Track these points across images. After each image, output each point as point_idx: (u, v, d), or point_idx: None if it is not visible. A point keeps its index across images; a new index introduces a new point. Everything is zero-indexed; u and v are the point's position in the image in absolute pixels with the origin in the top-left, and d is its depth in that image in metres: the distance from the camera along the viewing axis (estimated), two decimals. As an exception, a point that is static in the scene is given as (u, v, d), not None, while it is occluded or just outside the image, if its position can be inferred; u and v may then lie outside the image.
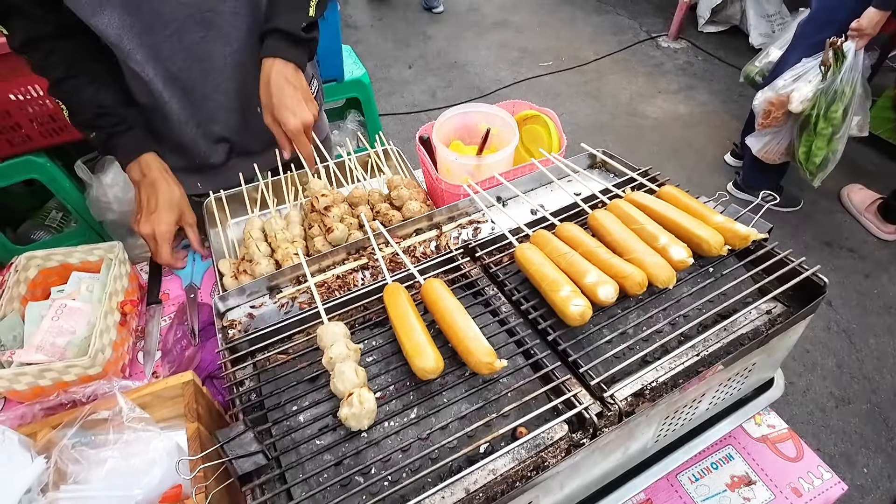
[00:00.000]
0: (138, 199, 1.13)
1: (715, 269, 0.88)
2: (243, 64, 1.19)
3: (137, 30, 1.05)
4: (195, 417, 0.80)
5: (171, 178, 1.15)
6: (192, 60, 1.13)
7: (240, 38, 1.17)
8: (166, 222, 1.10)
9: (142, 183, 1.12)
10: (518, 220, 1.00)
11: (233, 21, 1.14)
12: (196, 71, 1.15)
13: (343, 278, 0.98)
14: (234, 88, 1.23)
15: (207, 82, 1.19)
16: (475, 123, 1.38)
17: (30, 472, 0.64)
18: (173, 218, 1.12)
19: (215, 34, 1.13)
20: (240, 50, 1.18)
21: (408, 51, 4.45)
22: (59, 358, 0.98)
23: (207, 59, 1.15)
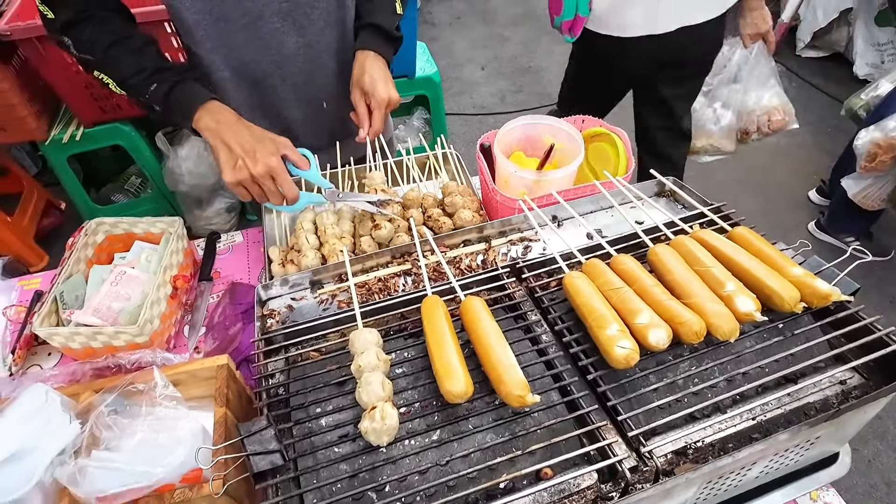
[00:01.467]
0: (223, 146, 0.98)
1: (786, 326, 0.79)
2: (315, 57, 1.21)
3: (215, 16, 1.08)
4: (224, 402, 0.81)
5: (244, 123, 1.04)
6: (264, 50, 1.15)
7: (314, 32, 1.18)
8: (273, 153, 0.98)
9: (219, 129, 0.99)
10: (572, 243, 0.95)
11: (310, 14, 1.15)
12: (267, 62, 1.18)
13: (384, 282, 0.97)
14: (302, 80, 1.24)
15: (276, 73, 1.21)
16: (539, 136, 1.33)
17: (66, 433, 0.67)
18: (275, 147, 1.00)
19: (290, 25, 1.14)
20: (312, 43, 1.19)
21: (482, 52, 4.42)
22: (112, 322, 1.03)
23: (279, 49, 1.17)
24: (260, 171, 0.96)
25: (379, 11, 1.20)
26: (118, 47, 1.01)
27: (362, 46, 1.18)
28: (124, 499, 0.67)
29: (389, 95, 1.16)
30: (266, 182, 0.97)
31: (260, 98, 1.24)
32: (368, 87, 1.15)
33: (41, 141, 2.24)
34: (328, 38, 1.21)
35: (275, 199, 1.01)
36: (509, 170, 1.19)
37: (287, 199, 1.02)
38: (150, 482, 0.67)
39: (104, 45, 1.00)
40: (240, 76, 1.19)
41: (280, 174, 0.98)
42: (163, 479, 0.69)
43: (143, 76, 1.01)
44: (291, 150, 1.04)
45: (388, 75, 1.18)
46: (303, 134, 1.36)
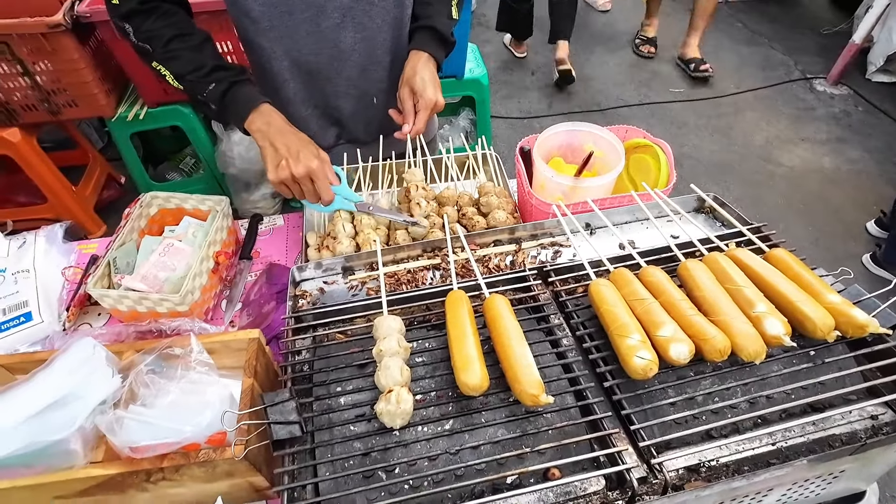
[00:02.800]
0: (270, 147, 1.05)
1: (817, 353, 0.77)
2: (370, 53, 1.24)
3: (281, 9, 1.13)
4: (252, 374, 0.85)
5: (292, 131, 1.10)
6: (322, 43, 1.20)
7: (372, 28, 1.22)
8: (314, 156, 1.05)
9: (269, 132, 1.05)
10: (602, 252, 0.95)
11: (369, 11, 1.19)
12: (325, 55, 1.22)
13: (413, 273, 0.99)
14: (356, 75, 1.28)
15: (332, 66, 1.25)
16: (581, 143, 1.33)
17: (108, 385, 0.72)
18: (317, 152, 1.07)
19: (349, 21, 1.18)
20: (369, 39, 1.23)
21: (534, 57, 4.40)
22: (158, 290, 1.09)
23: (337, 44, 1.21)
24: (300, 173, 1.02)
25: (436, 15, 1.24)
26: (179, 42, 1.05)
27: (417, 47, 1.21)
28: (154, 452, 0.72)
29: (437, 99, 1.19)
30: (305, 183, 1.04)
31: (314, 89, 1.29)
32: (418, 88, 1.17)
33: (108, 118, 2.38)
34: (384, 35, 1.25)
35: (311, 199, 1.09)
36: (546, 174, 1.19)
37: (322, 200, 1.09)
38: (178, 439, 0.72)
39: (165, 39, 1.05)
40: (297, 67, 1.24)
41: (318, 177, 1.05)
42: (190, 438, 0.73)
43: (201, 74, 1.06)
44: (328, 166, 1.10)
45: (437, 79, 1.21)
46: (352, 126, 1.40)
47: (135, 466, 0.73)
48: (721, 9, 5.06)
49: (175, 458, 0.75)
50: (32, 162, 2.39)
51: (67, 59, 2.13)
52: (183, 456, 0.75)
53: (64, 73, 2.17)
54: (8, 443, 0.64)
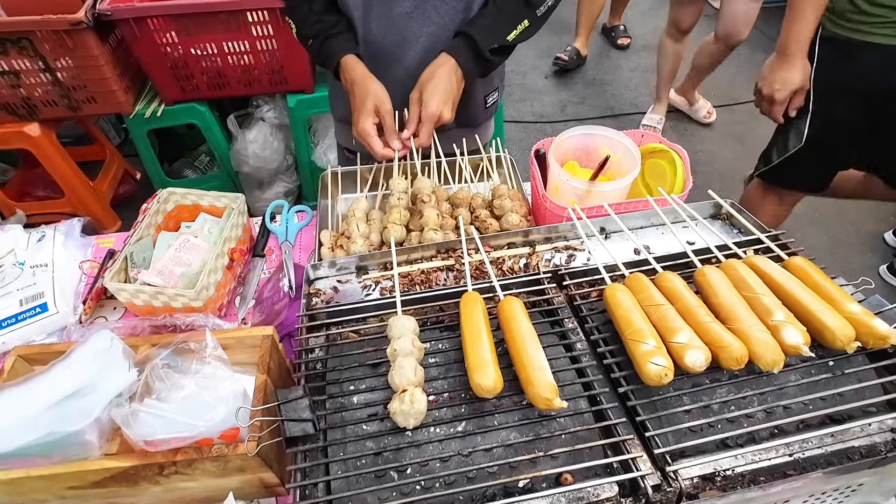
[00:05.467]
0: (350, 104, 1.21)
1: (836, 364, 0.76)
2: (432, 47, 1.23)
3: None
4: (265, 370, 0.85)
5: (368, 76, 1.18)
6: (391, 29, 1.22)
7: (438, 23, 1.22)
8: (361, 122, 1.15)
9: (349, 87, 1.20)
10: (617, 256, 0.94)
11: (439, 7, 1.20)
12: (390, 41, 1.23)
13: (427, 274, 0.99)
14: (413, 66, 1.25)
15: (395, 53, 1.26)
16: (596, 147, 1.32)
17: (124, 379, 0.73)
18: (368, 117, 1.15)
19: (420, 13, 1.20)
20: (433, 34, 1.23)
21: (548, 61, 4.39)
22: (173, 285, 1.10)
23: (403, 33, 1.22)
24: (356, 133, 1.17)
25: (481, 26, 1.17)
26: None
27: (447, 50, 1.16)
28: (168, 445, 0.72)
29: (441, 113, 1.13)
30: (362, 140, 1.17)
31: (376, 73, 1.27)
32: (425, 97, 1.14)
33: (126, 114, 2.41)
34: (448, 32, 1.23)
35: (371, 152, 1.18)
36: (561, 178, 1.19)
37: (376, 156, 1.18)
38: (191, 434, 0.72)
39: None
40: (367, 47, 1.25)
41: (366, 138, 1.15)
42: (203, 433, 0.74)
43: (306, 29, 1.22)
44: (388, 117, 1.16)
45: (451, 92, 1.15)
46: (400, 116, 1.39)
47: (148, 459, 0.74)
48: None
49: (188, 453, 0.75)
50: (51, 156, 2.42)
51: (88, 56, 2.16)
52: (196, 450, 0.76)
53: (84, 70, 2.20)
54: (27, 432, 0.65)
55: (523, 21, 1.19)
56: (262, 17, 2.16)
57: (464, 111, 1.34)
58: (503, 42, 1.18)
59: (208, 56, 2.29)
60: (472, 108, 1.44)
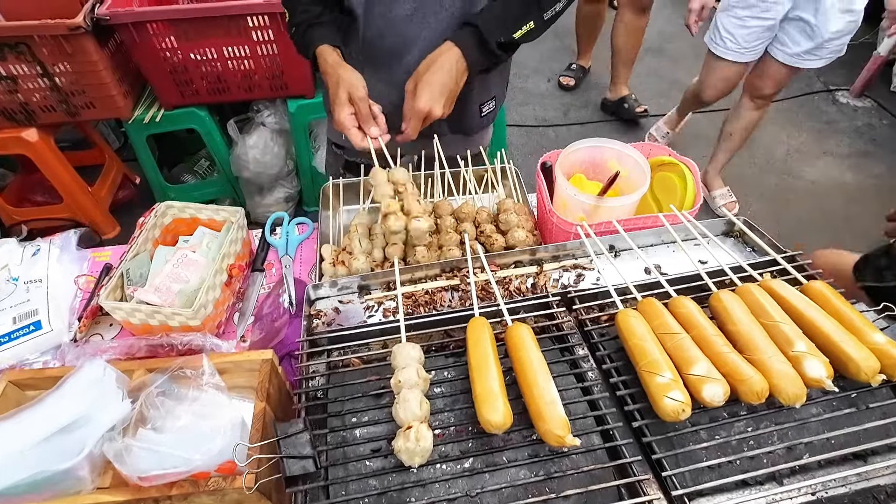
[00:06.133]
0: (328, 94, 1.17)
1: (860, 397, 0.73)
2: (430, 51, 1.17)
3: None
4: (264, 397, 0.82)
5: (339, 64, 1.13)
6: (390, 30, 1.19)
7: (437, 28, 1.19)
8: (337, 113, 1.09)
9: (324, 78, 1.16)
10: (628, 276, 0.91)
11: (438, 10, 1.17)
12: (390, 42, 1.21)
13: (432, 295, 0.96)
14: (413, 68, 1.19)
15: (394, 55, 1.23)
16: (604, 160, 1.29)
17: (117, 411, 0.70)
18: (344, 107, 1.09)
19: (420, 15, 1.17)
20: (433, 38, 1.18)
21: (551, 64, 4.36)
22: (170, 302, 1.08)
23: (402, 34, 1.19)
24: (336, 126, 1.12)
25: (489, 18, 1.11)
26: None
27: (452, 38, 1.09)
28: (163, 481, 0.70)
29: (430, 109, 1.06)
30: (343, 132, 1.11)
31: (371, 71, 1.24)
32: (418, 89, 1.07)
33: (125, 119, 2.38)
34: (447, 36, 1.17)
35: None
36: (568, 193, 1.16)
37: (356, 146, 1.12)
38: (188, 468, 0.70)
39: None
40: (367, 47, 1.23)
41: (344, 131, 1.10)
42: (200, 467, 0.71)
43: (295, 17, 1.20)
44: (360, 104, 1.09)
45: (447, 85, 1.07)
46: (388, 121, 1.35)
47: (143, 494, 0.71)
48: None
49: (184, 486, 0.72)
50: (49, 162, 2.39)
51: (87, 62, 2.13)
52: (192, 484, 0.73)
53: (83, 75, 2.17)
54: (16, 471, 0.62)
55: (529, 22, 1.14)
56: (262, 21, 2.13)
57: (458, 118, 1.31)
58: (510, 38, 1.13)
59: (208, 61, 2.26)
60: (466, 116, 1.40)
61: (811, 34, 2.25)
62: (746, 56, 2.42)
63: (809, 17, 2.20)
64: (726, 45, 2.41)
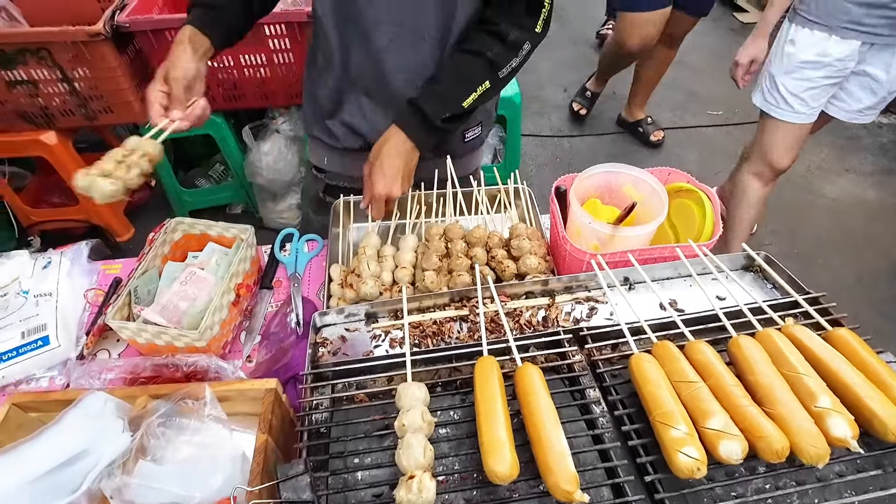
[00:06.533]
0: None
1: (886, 458, 0.69)
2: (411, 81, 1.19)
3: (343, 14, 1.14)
4: (267, 429, 0.81)
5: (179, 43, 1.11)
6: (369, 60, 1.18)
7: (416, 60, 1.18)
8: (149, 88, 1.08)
9: None
10: (642, 311, 0.89)
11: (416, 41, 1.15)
12: (370, 74, 1.20)
13: (440, 325, 0.94)
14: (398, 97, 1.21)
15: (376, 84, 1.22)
16: (620, 185, 1.26)
17: (117, 445, 0.69)
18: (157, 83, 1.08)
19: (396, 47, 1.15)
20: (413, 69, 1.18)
21: (567, 74, 4.32)
22: (177, 322, 1.07)
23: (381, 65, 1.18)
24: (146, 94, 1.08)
25: (431, 95, 1.11)
26: None
27: (396, 120, 1.13)
28: (161, 517, 0.68)
29: (388, 192, 1.11)
30: None
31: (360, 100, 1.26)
32: (373, 177, 1.12)
33: (142, 124, 2.40)
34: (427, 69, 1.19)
35: None
36: (583, 220, 1.13)
37: None
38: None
39: None
40: (348, 77, 1.23)
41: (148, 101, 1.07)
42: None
43: None
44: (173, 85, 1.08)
45: (399, 168, 1.11)
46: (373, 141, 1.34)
47: (140, 529, 0.69)
48: (764, 29, 4.90)
49: (182, 523, 0.71)
50: (67, 165, 2.42)
51: (106, 67, 2.15)
52: (190, 520, 0.71)
53: (101, 81, 2.19)
54: (10, 508, 0.62)
55: (484, 83, 1.13)
56: (279, 30, 2.14)
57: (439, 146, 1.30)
58: (457, 110, 1.11)
59: (225, 68, 2.27)
60: (449, 143, 1.38)
61: (875, 89, 2.01)
62: (814, 116, 2.12)
63: (879, 73, 1.95)
64: (794, 108, 2.07)
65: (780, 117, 2.13)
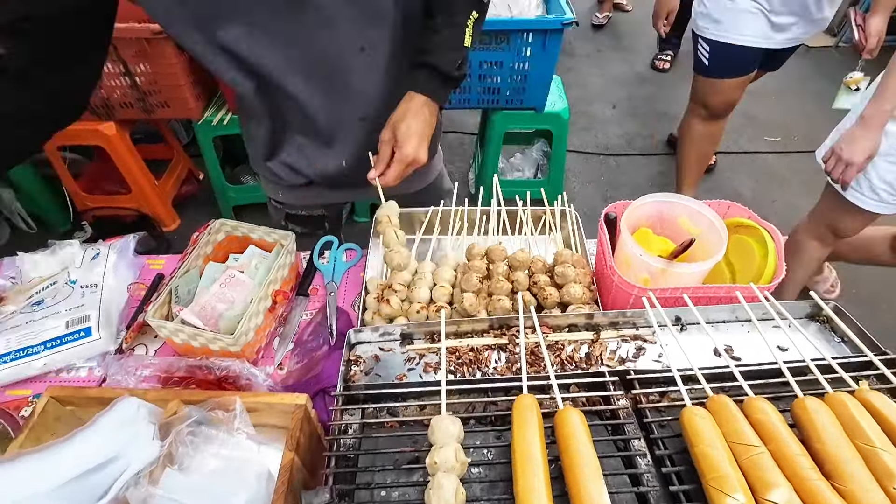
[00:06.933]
0: None
1: (975, 554, 0.61)
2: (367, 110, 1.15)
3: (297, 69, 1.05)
4: (294, 446, 0.79)
5: None
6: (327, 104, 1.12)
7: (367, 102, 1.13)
8: None
9: None
10: (694, 356, 0.83)
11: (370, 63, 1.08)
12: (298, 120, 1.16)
13: (477, 353, 0.91)
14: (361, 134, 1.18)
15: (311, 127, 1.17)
16: (674, 216, 1.20)
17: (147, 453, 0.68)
18: None
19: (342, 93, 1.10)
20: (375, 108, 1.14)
21: (617, 89, 4.23)
22: (213, 324, 1.07)
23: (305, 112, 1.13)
24: None
25: (439, 51, 1.05)
26: None
27: (416, 88, 1.06)
28: (183, 532, 0.67)
29: (416, 156, 1.04)
30: None
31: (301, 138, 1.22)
32: (400, 138, 1.04)
33: (195, 120, 2.47)
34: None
35: None
36: (634, 251, 1.07)
37: None
38: (209, 522, 0.67)
39: None
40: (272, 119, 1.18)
41: None
42: (222, 522, 0.68)
43: None
44: None
45: (426, 130, 1.05)
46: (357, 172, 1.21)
47: (161, 540, 0.68)
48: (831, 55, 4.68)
49: (204, 540, 0.70)
50: (123, 155, 2.51)
51: (166, 64, 2.23)
52: (212, 538, 0.70)
53: (161, 77, 2.27)
54: (38, 511, 0.62)
55: (472, 14, 1.05)
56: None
57: None
58: (463, 52, 1.06)
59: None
60: None
61: None
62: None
63: None
64: (880, 197, 1.75)
65: (861, 204, 1.80)
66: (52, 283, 1.18)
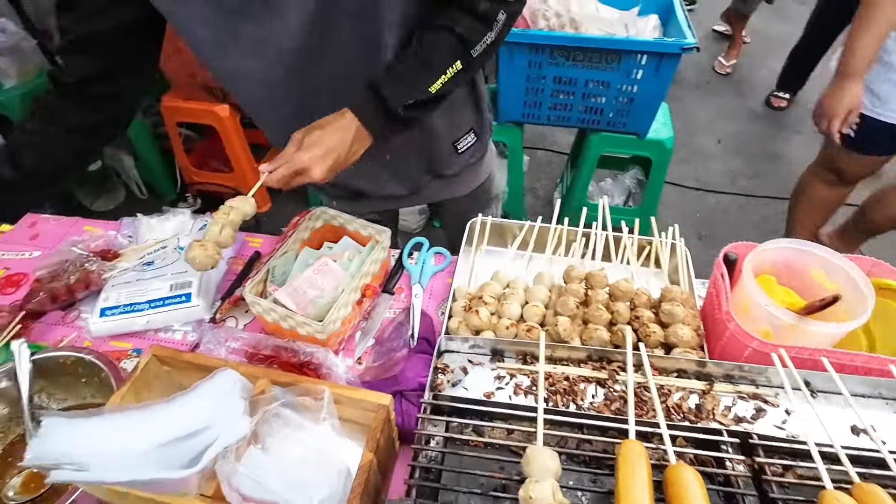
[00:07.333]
0: None
1: None
2: None
3: None
4: (374, 448, 0.76)
5: None
6: None
7: None
8: None
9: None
10: (830, 430, 0.71)
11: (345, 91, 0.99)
12: None
13: (572, 383, 0.84)
14: None
15: None
16: (805, 266, 1.07)
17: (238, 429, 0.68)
18: None
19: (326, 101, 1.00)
20: None
21: (724, 124, 3.97)
22: (303, 308, 1.08)
23: None
24: None
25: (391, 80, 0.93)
26: None
27: (353, 107, 0.95)
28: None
29: (311, 169, 0.90)
30: None
31: None
32: (305, 144, 0.91)
33: (301, 110, 2.58)
34: None
35: None
36: (759, 300, 0.96)
37: None
38: (285, 509, 0.65)
39: None
40: None
41: None
42: (299, 515, 0.66)
43: None
44: None
45: (335, 151, 0.92)
46: None
47: (238, 517, 0.68)
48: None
49: (279, 528, 0.68)
50: (231, 136, 2.67)
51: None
52: (285, 521, 0.68)
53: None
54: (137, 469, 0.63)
55: (454, 64, 0.93)
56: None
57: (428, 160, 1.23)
58: (422, 95, 0.93)
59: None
60: (438, 155, 1.25)
61: None
62: None
63: None
64: None
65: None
66: (162, 247, 1.25)
